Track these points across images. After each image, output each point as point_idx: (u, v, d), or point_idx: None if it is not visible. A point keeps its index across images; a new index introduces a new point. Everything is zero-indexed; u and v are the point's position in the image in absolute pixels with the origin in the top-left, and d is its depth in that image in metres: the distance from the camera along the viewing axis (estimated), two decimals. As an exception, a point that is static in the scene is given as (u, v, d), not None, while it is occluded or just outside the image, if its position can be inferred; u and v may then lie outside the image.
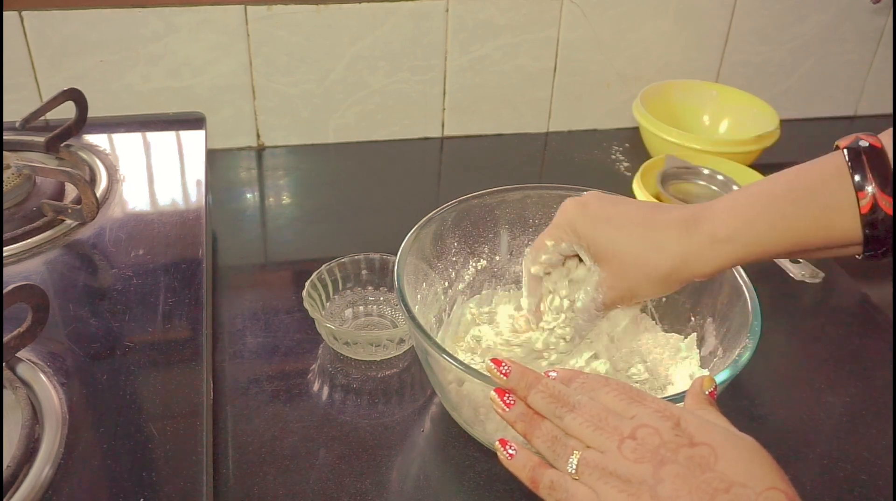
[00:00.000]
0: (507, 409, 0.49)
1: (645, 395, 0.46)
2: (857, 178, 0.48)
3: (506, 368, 0.49)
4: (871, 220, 0.48)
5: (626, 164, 1.07)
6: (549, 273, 0.61)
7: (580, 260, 0.59)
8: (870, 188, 0.47)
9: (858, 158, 0.48)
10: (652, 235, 0.54)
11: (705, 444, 0.42)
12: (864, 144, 0.48)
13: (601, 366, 0.65)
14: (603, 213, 0.56)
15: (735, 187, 0.92)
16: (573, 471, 0.44)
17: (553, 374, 0.50)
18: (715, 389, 0.47)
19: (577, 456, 0.44)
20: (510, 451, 0.48)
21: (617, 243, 0.55)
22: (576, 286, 0.60)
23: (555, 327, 0.62)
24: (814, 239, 0.50)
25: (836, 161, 0.49)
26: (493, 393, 0.50)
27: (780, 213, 0.50)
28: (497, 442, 0.49)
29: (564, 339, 0.62)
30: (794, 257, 0.53)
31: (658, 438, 0.42)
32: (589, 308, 0.59)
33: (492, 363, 0.50)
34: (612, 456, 0.43)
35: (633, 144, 1.10)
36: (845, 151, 0.49)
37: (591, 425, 0.45)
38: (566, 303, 0.61)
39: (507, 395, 0.49)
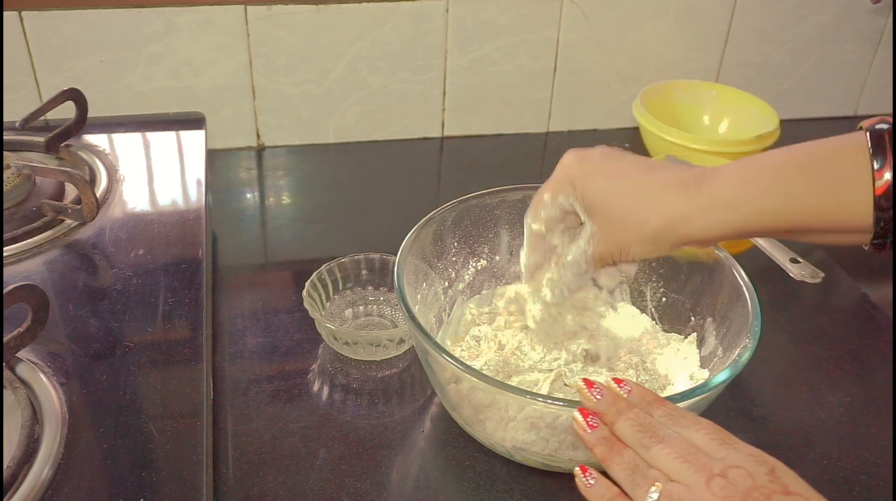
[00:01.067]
0: (589, 431, 0.47)
1: (737, 439, 0.44)
2: (876, 158, 0.46)
3: (598, 390, 0.48)
4: (884, 203, 0.46)
5: (626, 164, 1.07)
6: (551, 230, 0.59)
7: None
8: (888, 174, 0.46)
9: (880, 140, 0.46)
10: (645, 191, 0.52)
11: (800, 495, 0.40)
12: (886, 126, 0.47)
13: (600, 367, 0.65)
14: (602, 166, 0.54)
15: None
16: None
17: (627, 387, 0.48)
18: None
19: (660, 488, 0.43)
20: (590, 480, 0.46)
21: (609, 195, 0.53)
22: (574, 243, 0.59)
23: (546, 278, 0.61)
24: (820, 218, 0.48)
25: (855, 140, 0.47)
26: (576, 413, 0.48)
27: (789, 184, 0.48)
28: (577, 468, 0.47)
29: (549, 290, 0.60)
30: (795, 236, 0.51)
31: (751, 480, 0.41)
32: (579, 261, 0.57)
33: (583, 384, 0.48)
34: (698, 492, 0.41)
35: (633, 144, 1.10)
36: (868, 132, 0.47)
37: (679, 458, 0.43)
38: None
39: (590, 417, 0.48)
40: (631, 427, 0.46)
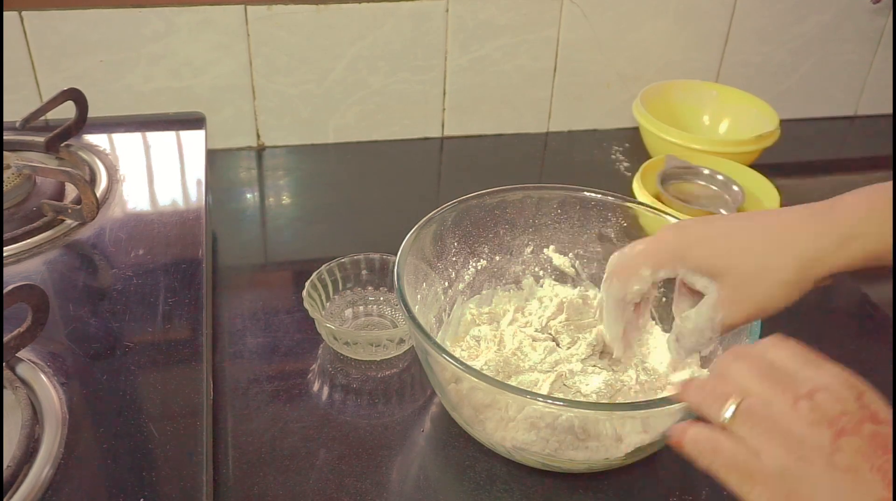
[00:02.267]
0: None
1: (823, 361, 0.41)
2: None
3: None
4: None
5: (626, 164, 1.07)
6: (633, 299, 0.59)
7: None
8: None
9: None
10: (770, 237, 0.51)
11: (888, 423, 0.37)
12: None
13: (600, 366, 0.65)
14: (707, 231, 0.54)
15: (735, 188, 0.92)
16: (729, 418, 0.39)
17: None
18: None
19: (735, 403, 0.39)
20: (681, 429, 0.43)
21: (732, 254, 0.52)
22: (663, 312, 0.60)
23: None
24: None
25: None
26: None
27: None
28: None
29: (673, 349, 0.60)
30: None
31: (840, 406, 0.38)
32: (703, 329, 0.55)
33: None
34: (781, 410, 0.38)
35: (633, 144, 1.10)
36: None
37: (759, 375, 0.40)
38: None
39: None
40: (711, 374, 0.44)
